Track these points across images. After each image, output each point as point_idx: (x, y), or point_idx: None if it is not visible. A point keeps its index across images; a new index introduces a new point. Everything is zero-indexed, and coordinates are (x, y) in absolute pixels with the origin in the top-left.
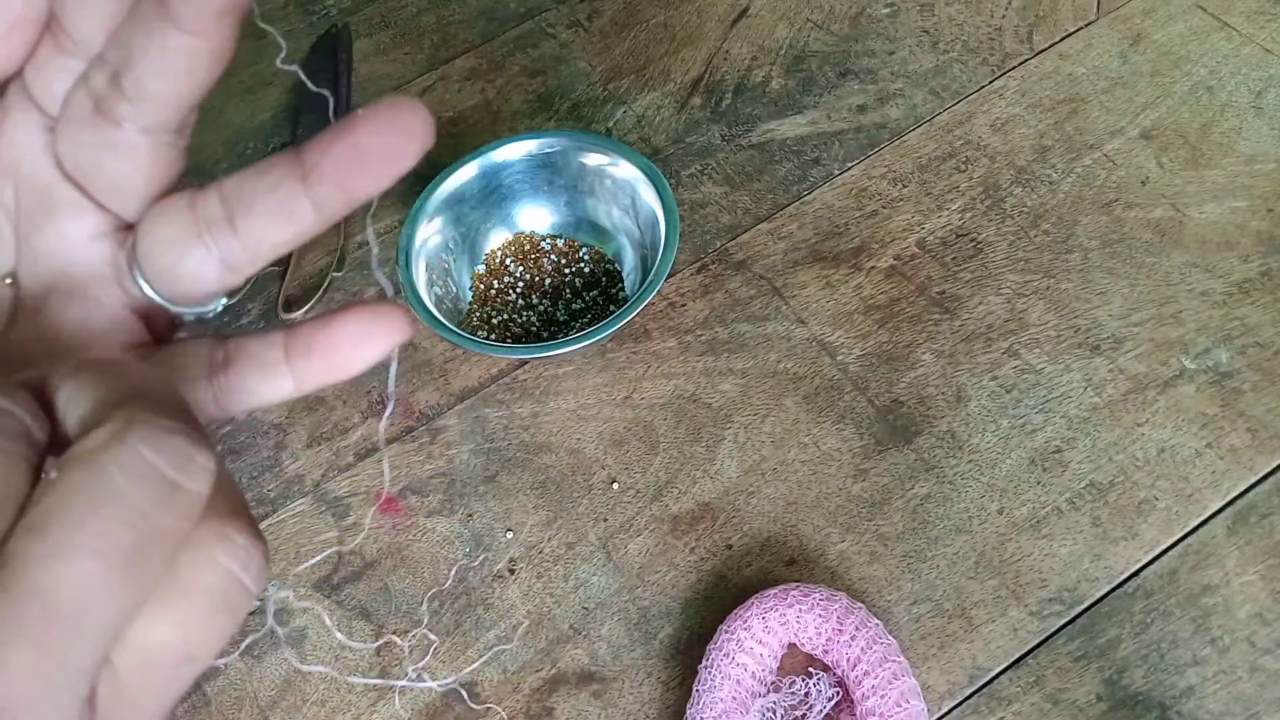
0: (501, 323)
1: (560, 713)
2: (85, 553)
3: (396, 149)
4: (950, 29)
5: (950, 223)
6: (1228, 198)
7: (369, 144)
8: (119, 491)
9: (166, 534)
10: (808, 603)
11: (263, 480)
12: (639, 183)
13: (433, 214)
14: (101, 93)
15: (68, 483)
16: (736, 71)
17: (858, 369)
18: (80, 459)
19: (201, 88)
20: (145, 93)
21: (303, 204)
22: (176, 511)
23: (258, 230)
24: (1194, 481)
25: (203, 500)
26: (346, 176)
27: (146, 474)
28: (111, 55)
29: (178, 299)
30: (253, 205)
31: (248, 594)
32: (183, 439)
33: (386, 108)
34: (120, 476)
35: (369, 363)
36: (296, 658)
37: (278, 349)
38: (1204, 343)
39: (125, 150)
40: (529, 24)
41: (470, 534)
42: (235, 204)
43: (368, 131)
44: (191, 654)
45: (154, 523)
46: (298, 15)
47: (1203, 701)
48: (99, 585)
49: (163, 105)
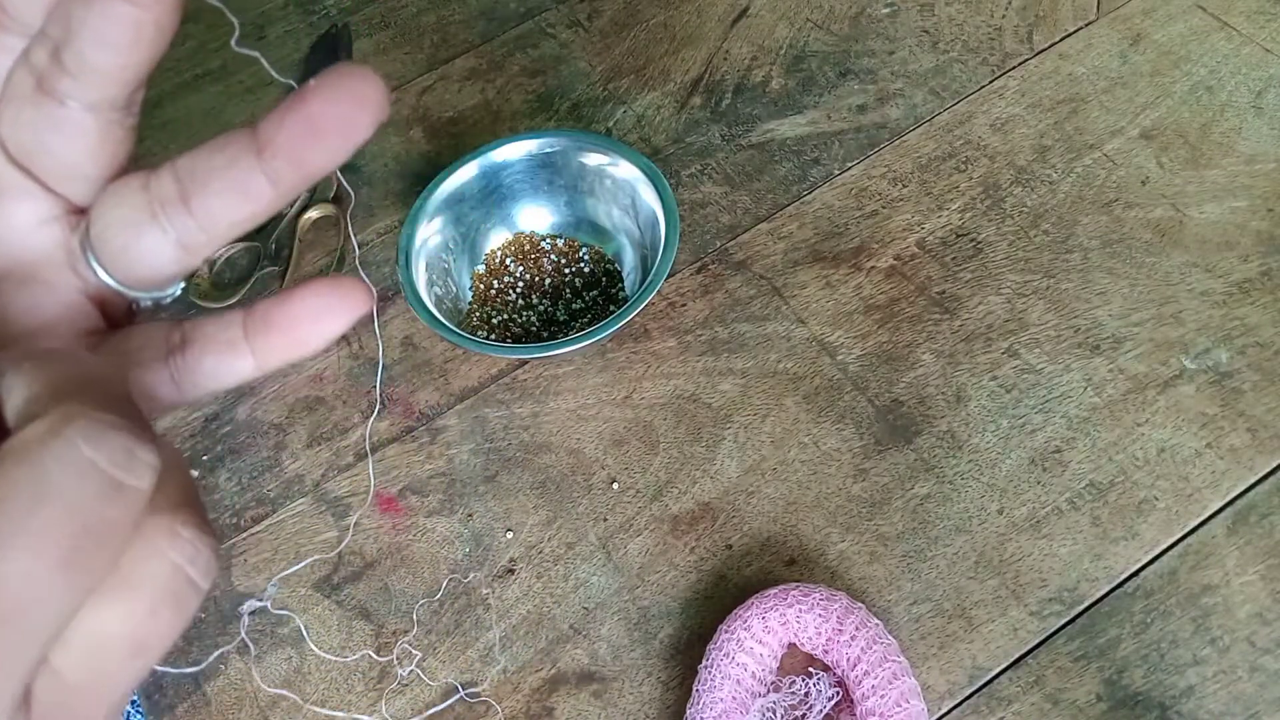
0: (501, 323)
1: (560, 712)
2: (23, 551)
3: (350, 119)
4: (950, 29)
5: (950, 223)
6: (1228, 198)
7: (321, 115)
8: (57, 488)
9: (108, 531)
10: (808, 603)
11: (263, 480)
12: (639, 183)
13: (433, 214)
14: (43, 69)
15: (3, 478)
16: (736, 71)
17: (858, 369)
18: (16, 453)
19: (146, 61)
20: (88, 66)
21: (258, 179)
22: (117, 508)
23: (214, 208)
24: (1194, 481)
25: (145, 496)
26: (301, 149)
27: (85, 470)
28: (53, 30)
29: (134, 283)
30: (208, 183)
31: (195, 588)
32: (124, 434)
33: (338, 76)
34: (58, 472)
35: (330, 338)
36: (296, 658)
37: (236, 328)
38: (1204, 343)
39: (71, 129)
40: (529, 24)
41: (470, 534)
42: (189, 183)
43: (320, 102)
44: (138, 648)
45: (94, 519)
46: (298, 15)
47: (1203, 701)
48: (38, 584)
49: (107, 80)
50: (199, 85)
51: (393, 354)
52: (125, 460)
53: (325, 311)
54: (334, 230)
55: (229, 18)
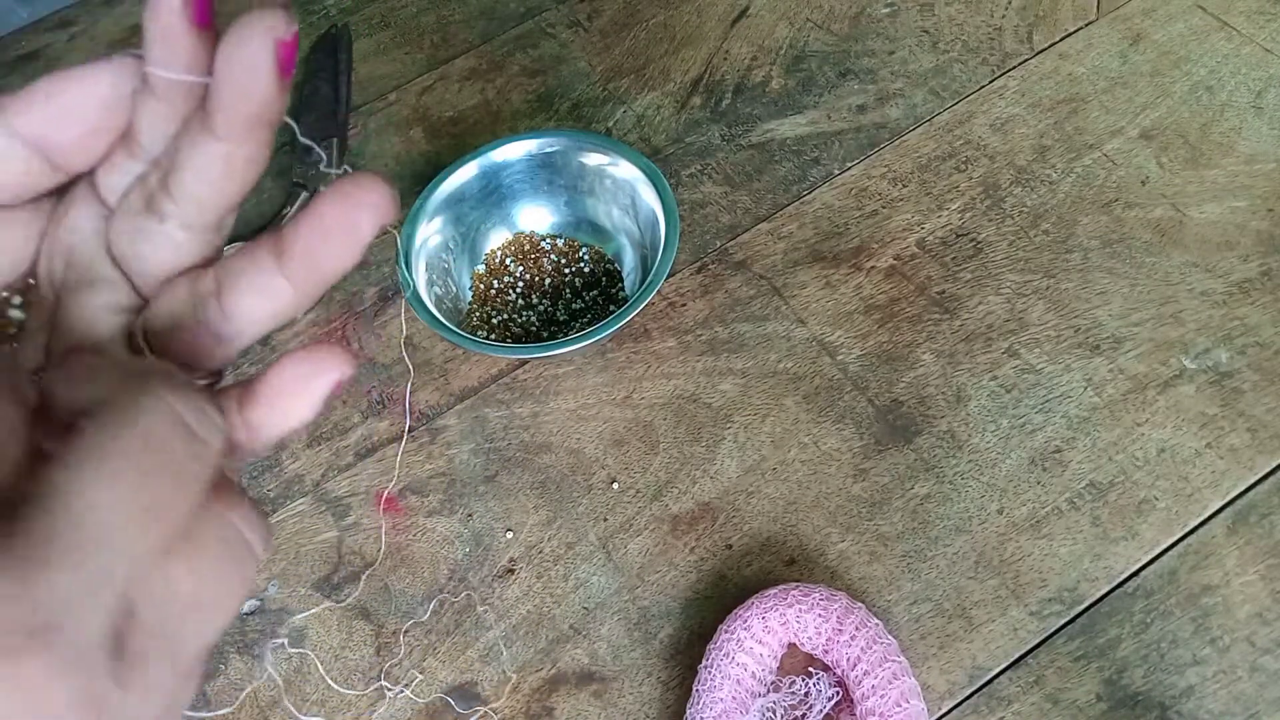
0: (501, 323)
1: (560, 713)
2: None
3: (356, 222)
4: (950, 29)
5: (950, 222)
6: (1228, 197)
7: (331, 218)
8: (149, 434)
9: (188, 482)
10: (807, 602)
11: (263, 480)
12: (639, 183)
13: (433, 214)
14: (153, 192)
15: (101, 426)
16: (736, 71)
17: (858, 369)
18: (112, 406)
19: (238, 191)
20: (187, 194)
21: (278, 281)
22: (197, 461)
23: (242, 306)
24: (1194, 481)
25: (217, 456)
26: (313, 251)
27: (173, 421)
28: (164, 160)
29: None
30: (237, 282)
31: (254, 554)
32: (199, 395)
33: (348, 183)
34: (151, 420)
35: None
36: (296, 658)
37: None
38: (1204, 342)
39: (166, 242)
40: (529, 24)
41: (470, 534)
42: (224, 280)
43: (329, 206)
44: (205, 603)
45: (178, 468)
46: (298, 15)
47: (1202, 701)
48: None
49: (203, 206)
50: None
51: (392, 354)
52: (201, 418)
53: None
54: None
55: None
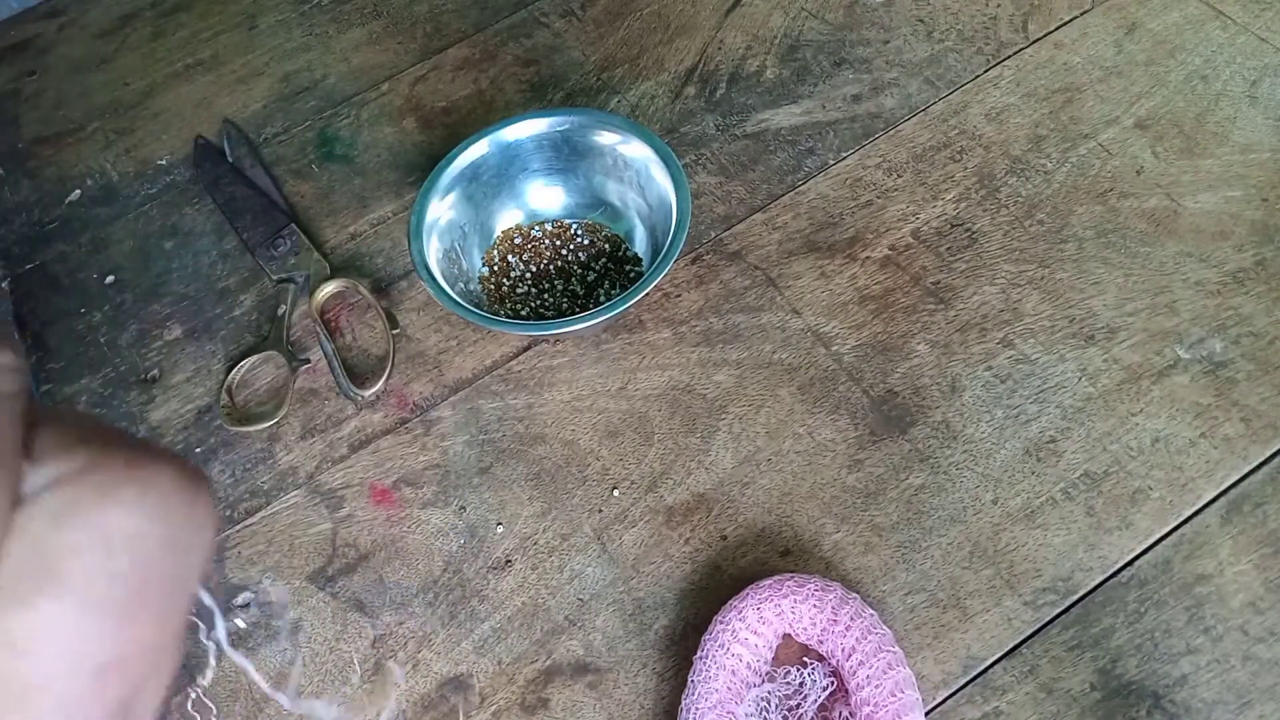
0: (530, 313)
1: (555, 704)
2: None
3: None
4: (945, 18)
5: (945, 212)
6: (1222, 187)
7: None
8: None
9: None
10: (802, 593)
11: (256, 472)
12: (650, 162)
13: (444, 192)
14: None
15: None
16: (731, 61)
17: (852, 359)
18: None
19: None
20: None
21: None
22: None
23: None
24: (1188, 471)
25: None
26: None
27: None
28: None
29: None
30: None
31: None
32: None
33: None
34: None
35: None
36: (291, 650)
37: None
38: (1198, 332)
39: None
40: (522, 13)
41: (464, 526)
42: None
43: None
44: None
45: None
46: (289, 5)
47: (1196, 690)
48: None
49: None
50: (190, 75)
51: (384, 345)
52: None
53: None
54: (357, 299)
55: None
